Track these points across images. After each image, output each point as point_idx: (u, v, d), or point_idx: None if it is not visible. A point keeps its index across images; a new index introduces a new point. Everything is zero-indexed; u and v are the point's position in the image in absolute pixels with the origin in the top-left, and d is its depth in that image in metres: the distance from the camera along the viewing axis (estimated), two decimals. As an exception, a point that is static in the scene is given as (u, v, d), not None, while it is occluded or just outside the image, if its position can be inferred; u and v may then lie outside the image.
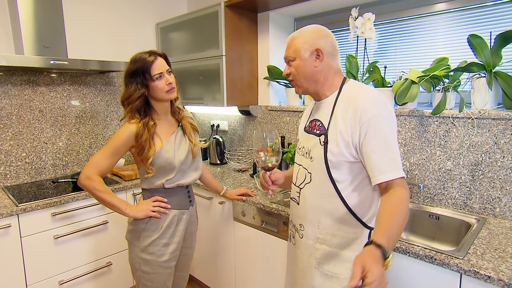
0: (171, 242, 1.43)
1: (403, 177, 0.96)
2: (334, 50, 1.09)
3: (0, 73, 2.05)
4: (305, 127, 1.21)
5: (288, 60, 1.12)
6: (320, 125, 1.11)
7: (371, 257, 0.79)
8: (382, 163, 0.96)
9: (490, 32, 1.42)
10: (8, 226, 1.68)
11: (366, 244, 0.84)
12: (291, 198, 1.22)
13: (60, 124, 2.31)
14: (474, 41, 1.40)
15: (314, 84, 1.10)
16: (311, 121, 1.17)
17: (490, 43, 1.40)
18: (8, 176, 2.12)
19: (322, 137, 1.07)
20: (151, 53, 1.33)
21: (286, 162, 2.13)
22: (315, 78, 1.09)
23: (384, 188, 0.98)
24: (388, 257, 0.82)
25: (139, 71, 1.31)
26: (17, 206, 1.72)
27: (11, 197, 1.86)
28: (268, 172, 1.26)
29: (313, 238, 1.11)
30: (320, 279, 1.09)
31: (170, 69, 1.38)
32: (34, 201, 1.79)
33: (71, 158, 2.38)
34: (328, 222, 1.08)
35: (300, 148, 1.19)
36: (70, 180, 2.12)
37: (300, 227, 1.16)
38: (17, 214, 1.71)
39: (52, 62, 1.88)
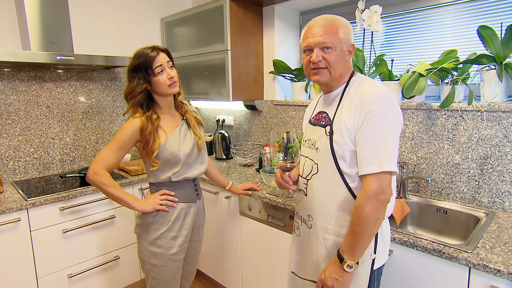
0: (179, 235, 1.44)
1: (382, 172, 0.95)
2: None
3: (8, 69, 2.06)
4: (310, 119, 1.21)
5: (325, 47, 1.04)
6: (326, 117, 1.12)
7: (331, 270, 1.04)
8: (364, 156, 0.98)
9: (501, 23, 1.39)
10: (18, 220, 1.70)
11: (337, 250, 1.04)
12: (298, 189, 1.22)
13: (67, 120, 2.33)
14: (484, 33, 1.38)
15: (338, 77, 1.10)
16: (317, 114, 1.17)
17: (501, 34, 1.37)
18: (17, 171, 2.15)
19: (328, 128, 1.08)
20: (153, 48, 1.34)
21: (291, 156, 2.12)
22: (343, 72, 1.10)
23: (362, 181, 1.00)
24: (342, 261, 1.01)
25: (141, 66, 1.32)
26: (26, 200, 1.74)
27: (20, 191, 1.89)
28: (287, 173, 1.19)
29: (322, 228, 1.12)
30: None
31: (172, 64, 1.39)
32: (42, 195, 1.81)
33: (78, 153, 2.40)
34: (336, 212, 1.08)
35: (305, 141, 1.20)
36: (77, 175, 2.13)
37: (308, 217, 1.16)
38: (27, 209, 1.73)
39: (58, 57, 1.89)
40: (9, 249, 1.70)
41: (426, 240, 1.21)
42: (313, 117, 1.20)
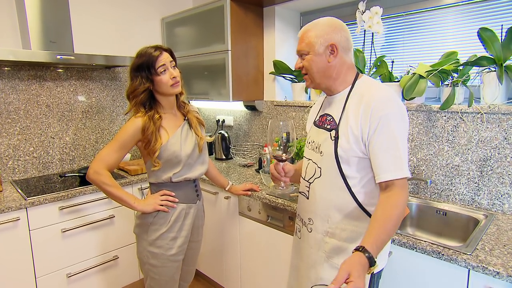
0: (179, 236, 1.43)
1: (405, 177, 0.97)
2: (348, 44, 1.08)
3: (8, 68, 2.06)
4: (314, 121, 1.20)
5: (301, 54, 1.09)
6: (331, 120, 1.10)
7: (358, 266, 0.81)
8: (386, 161, 0.97)
9: (502, 25, 1.40)
10: (17, 219, 1.70)
11: (357, 249, 0.86)
12: (300, 192, 1.22)
13: (67, 119, 2.33)
14: (484, 35, 1.38)
15: (326, 80, 1.09)
16: (322, 116, 1.16)
17: (501, 36, 1.37)
18: (17, 170, 2.15)
19: (333, 132, 1.07)
20: (156, 47, 1.34)
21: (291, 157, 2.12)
22: (328, 74, 1.08)
23: (384, 186, 0.99)
24: (374, 264, 0.84)
25: (144, 65, 1.32)
26: (25, 199, 1.74)
27: (19, 191, 1.88)
28: (281, 163, 1.23)
29: (323, 232, 1.11)
30: (329, 272, 1.10)
31: (175, 64, 1.38)
32: (42, 195, 1.81)
33: (77, 152, 2.40)
34: (338, 217, 1.08)
35: (309, 143, 1.19)
36: (77, 174, 2.13)
37: (309, 221, 1.16)
38: (26, 208, 1.73)
39: (59, 57, 1.89)
40: (8, 249, 1.69)
41: (425, 241, 1.21)
42: (317, 119, 1.18)
